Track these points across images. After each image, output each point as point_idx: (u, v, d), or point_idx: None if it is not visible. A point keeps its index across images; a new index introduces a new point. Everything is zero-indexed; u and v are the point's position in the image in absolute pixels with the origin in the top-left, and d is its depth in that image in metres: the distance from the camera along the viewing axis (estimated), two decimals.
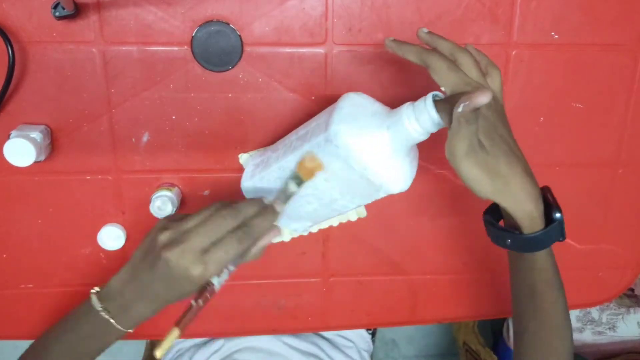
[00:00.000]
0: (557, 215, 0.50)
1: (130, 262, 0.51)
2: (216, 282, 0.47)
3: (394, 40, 0.51)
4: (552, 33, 0.67)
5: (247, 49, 0.63)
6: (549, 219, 0.50)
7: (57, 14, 0.57)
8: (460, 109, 0.43)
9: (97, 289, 0.52)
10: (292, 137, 0.59)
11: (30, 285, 0.70)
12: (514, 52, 0.67)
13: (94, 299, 0.51)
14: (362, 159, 0.48)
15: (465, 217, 0.74)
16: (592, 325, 1.24)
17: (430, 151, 0.70)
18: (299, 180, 0.50)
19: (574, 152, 0.73)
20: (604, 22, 0.67)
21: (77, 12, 0.58)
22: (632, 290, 1.25)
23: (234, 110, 0.65)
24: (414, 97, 0.67)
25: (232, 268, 0.48)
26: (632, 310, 1.24)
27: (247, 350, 0.80)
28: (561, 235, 0.51)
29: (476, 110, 0.43)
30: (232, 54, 0.63)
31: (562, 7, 0.66)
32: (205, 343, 0.84)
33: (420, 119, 0.46)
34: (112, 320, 0.50)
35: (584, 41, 0.68)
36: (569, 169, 0.74)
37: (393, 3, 0.63)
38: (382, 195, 0.52)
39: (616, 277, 0.81)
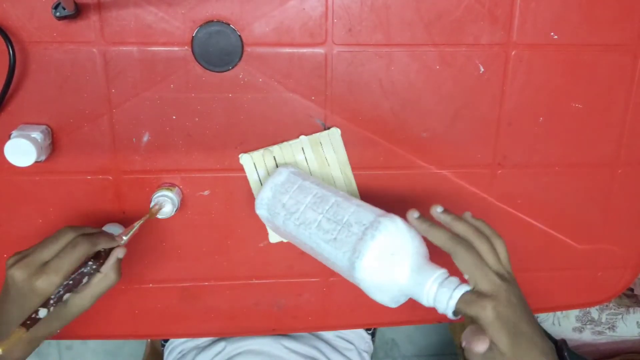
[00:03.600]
0: None
1: None
2: (41, 313, 0.51)
3: (420, 217, 0.54)
4: (552, 33, 0.67)
5: (247, 49, 0.63)
6: None
7: (57, 14, 0.57)
8: (463, 344, 0.49)
9: None
10: (320, 204, 0.58)
11: None
12: (513, 53, 0.67)
13: None
14: (368, 286, 0.53)
15: None
16: (592, 325, 1.24)
17: (431, 150, 0.70)
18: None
19: (573, 152, 0.73)
20: (604, 22, 0.67)
21: (78, 12, 0.59)
22: (632, 290, 1.25)
23: (234, 110, 0.65)
24: (413, 97, 0.67)
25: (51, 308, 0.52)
26: (631, 310, 1.24)
27: (247, 353, 0.80)
28: None
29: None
30: (232, 54, 0.63)
31: (561, 7, 0.66)
32: (207, 346, 0.84)
33: (438, 306, 0.51)
34: None
35: (583, 41, 0.68)
36: (569, 169, 0.74)
37: (393, 3, 0.63)
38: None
39: (615, 276, 0.81)
